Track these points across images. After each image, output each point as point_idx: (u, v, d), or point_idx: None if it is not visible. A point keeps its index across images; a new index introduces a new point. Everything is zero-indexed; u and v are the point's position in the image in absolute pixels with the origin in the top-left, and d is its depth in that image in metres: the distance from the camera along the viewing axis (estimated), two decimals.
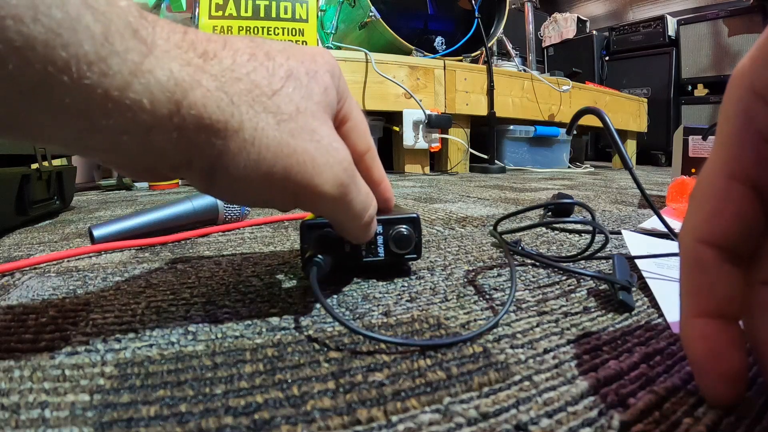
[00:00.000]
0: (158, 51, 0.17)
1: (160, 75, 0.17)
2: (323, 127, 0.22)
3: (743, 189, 0.15)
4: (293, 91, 0.21)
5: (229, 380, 0.18)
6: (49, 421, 0.15)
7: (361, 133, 0.26)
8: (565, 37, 3.37)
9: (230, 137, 0.19)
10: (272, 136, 0.20)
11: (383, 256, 0.31)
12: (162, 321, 0.24)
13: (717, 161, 0.16)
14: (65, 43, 0.15)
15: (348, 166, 0.22)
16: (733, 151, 0.15)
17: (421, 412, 0.16)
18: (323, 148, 0.21)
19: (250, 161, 0.20)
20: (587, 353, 0.20)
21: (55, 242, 0.46)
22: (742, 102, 0.15)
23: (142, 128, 0.18)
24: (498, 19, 1.82)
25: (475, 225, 0.53)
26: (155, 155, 0.19)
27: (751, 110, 0.15)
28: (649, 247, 0.38)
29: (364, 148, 0.27)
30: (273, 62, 0.21)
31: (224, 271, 0.33)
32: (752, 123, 0.15)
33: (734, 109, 0.15)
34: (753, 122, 0.15)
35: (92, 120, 0.17)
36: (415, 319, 0.24)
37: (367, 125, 0.27)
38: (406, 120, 1.44)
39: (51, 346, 0.21)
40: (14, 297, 0.28)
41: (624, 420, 0.15)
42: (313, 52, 0.23)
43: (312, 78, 0.22)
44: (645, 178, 1.46)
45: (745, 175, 0.15)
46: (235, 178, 0.20)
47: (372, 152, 0.28)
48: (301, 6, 1.30)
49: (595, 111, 0.38)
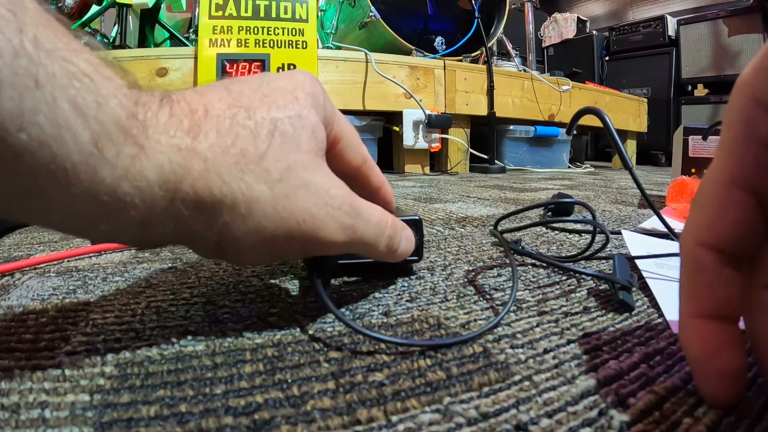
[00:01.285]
0: (149, 147, 0.17)
1: (152, 174, 0.17)
2: (317, 177, 0.21)
3: (744, 195, 0.15)
4: (280, 147, 0.20)
5: (229, 380, 0.18)
6: (49, 421, 0.15)
7: (355, 148, 0.26)
8: (565, 37, 3.37)
9: (227, 213, 0.19)
10: (267, 203, 0.20)
11: None
12: (162, 321, 0.24)
13: (719, 167, 0.16)
14: (53, 155, 0.15)
15: (349, 209, 0.22)
16: (734, 158, 0.15)
17: (421, 412, 0.16)
18: (321, 201, 0.21)
19: (250, 231, 0.20)
20: (587, 353, 0.20)
21: (55, 242, 0.46)
22: (744, 110, 0.15)
23: (138, 221, 0.18)
24: (498, 19, 1.82)
25: (475, 225, 0.53)
26: (158, 241, 0.20)
27: (752, 119, 0.15)
28: (649, 247, 0.38)
29: (360, 161, 0.27)
30: (254, 121, 0.20)
31: (224, 271, 0.33)
32: (754, 131, 0.15)
33: (736, 117, 0.15)
34: (754, 130, 0.15)
35: (88, 218, 0.17)
36: (415, 319, 0.24)
37: (358, 136, 0.27)
38: (406, 120, 1.44)
39: (51, 346, 0.21)
40: (14, 297, 0.28)
41: (624, 420, 0.15)
42: (294, 86, 0.22)
43: (298, 124, 0.21)
44: (645, 178, 1.46)
45: (746, 181, 0.15)
46: (241, 248, 0.20)
47: (368, 162, 0.27)
48: (301, 6, 1.30)
49: (595, 111, 0.38)
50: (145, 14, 1.48)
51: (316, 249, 0.22)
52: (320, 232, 0.21)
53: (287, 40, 1.26)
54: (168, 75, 1.22)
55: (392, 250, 0.25)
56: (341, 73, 1.37)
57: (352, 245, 0.23)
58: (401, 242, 0.26)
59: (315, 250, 0.22)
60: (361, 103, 1.39)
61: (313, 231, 0.21)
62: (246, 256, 0.21)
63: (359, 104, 1.39)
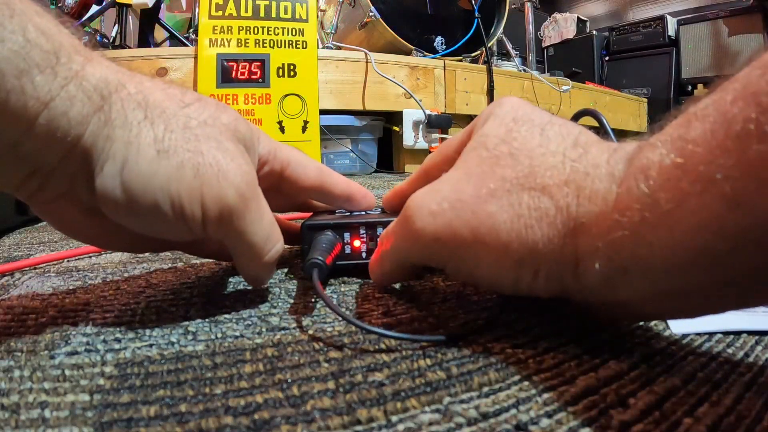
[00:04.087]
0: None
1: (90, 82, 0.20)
2: (229, 143, 0.22)
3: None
4: (202, 109, 0.22)
5: (229, 380, 0.18)
6: (49, 421, 0.15)
7: (306, 165, 0.28)
8: (565, 37, 3.36)
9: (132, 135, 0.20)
10: (180, 136, 0.21)
11: None
12: (162, 321, 0.24)
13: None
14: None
15: (252, 182, 0.23)
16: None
17: (421, 412, 0.16)
18: (229, 155, 0.22)
19: (161, 153, 0.20)
20: (587, 353, 0.20)
21: (55, 242, 0.46)
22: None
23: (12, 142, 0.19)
24: (498, 19, 1.82)
25: None
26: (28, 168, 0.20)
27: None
28: None
29: (315, 173, 0.28)
30: (182, 91, 0.23)
31: (224, 271, 0.33)
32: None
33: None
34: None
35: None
36: (415, 319, 0.24)
37: (307, 156, 0.28)
38: (406, 120, 1.44)
39: (51, 346, 0.21)
40: (14, 297, 0.28)
41: (624, 420, 0.15)
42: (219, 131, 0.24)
43: (222, 110, 0.23)
44: None
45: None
46: (143, 170, 0.20)
47: (325, 174, 0.29)
48: (301, 6, 1.30)
49: (592, 112, 0.39)
50: (145, 14, 1.48)
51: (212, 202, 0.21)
52: (222, 180, 0.21)
53: (287, 40, 1.26)
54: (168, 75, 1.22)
55: (268, 269, 0.25)
56: (341, 73, 1.37)
57: (240, 222, 0.22)
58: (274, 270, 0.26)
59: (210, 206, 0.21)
60: (361, 103, 1.39)
61: (217, 176, 0.21)
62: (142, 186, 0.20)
63: (359, 104, 1.38)
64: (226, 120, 0.23)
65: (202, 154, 0.21)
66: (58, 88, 0.19)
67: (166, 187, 0.20)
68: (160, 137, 0.20)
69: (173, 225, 0.21)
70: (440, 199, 0.20)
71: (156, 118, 0.21)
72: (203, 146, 0.21)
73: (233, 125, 0.23)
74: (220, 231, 0.22)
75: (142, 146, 0.20)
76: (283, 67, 1.24)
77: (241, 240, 0.23)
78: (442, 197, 0.20)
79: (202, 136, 0.21)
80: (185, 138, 0.21)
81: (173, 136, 0.21)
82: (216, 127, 0.22)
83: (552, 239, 0.18)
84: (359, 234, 0.30)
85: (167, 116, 0.21)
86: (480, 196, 0.19)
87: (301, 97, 1.23)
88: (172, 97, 0.22)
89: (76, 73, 0.19)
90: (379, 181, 1.14)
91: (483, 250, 0.19)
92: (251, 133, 0.25)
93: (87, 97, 0.19)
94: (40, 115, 0.18)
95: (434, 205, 0.20)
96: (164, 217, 0.21)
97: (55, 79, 0.18)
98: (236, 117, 0.24)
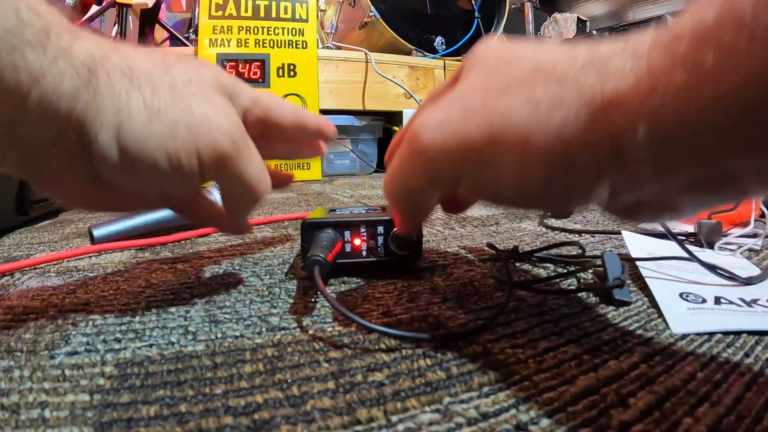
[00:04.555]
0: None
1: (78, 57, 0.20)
2: (215, 96, 0.24)
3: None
4: (185, 69, 0.23)
5: (229, 380, 0.18)
6: (49, 421, 0.15)
7: (283, 107, 0.29)
8: (565, 37, 3.36)
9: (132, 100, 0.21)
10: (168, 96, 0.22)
11: (384, 257, 0.31)
12: (162, 321, 0.24)
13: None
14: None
15: (240, 127, 0.24)
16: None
17: (421, 412, 0.16)
18: (217, 107, 0.23)
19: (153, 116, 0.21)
20: (587, 353, 0.20)
21: (55, 242, 0.46)
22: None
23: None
24: (498, 19, 1.83)
25: (474, 225, 0.53)
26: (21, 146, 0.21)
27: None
28: (649, 247, 0.38)
29: (292, 114, 0.29)
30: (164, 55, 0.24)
31: (224, 271, 0.33)
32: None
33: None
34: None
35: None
36: (415, 319, 0.24)
37: (282, 99, 0.30)
38: (406, 120, 1.43)
39: (51, 346, 0.21)
40: (14, 297, 0.28)
41: (624, 420, 0.15)
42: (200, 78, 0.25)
43: (204, 67, 0.25)
44: None
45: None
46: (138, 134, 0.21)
47: (299, 112, 0.30)
48: (301, 6, 1.30)
49: None
50: (145, 14, 1.48)
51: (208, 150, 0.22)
52: (214, 130, 0.22)
53: (287, 40, 1.26)
54: None
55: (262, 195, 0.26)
56: (341, 73, 1.37)
57: (234, 164, 0.23)
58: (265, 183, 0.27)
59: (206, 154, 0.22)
60: (361, 103, 1.39)
61: (209, 127, 0.22)
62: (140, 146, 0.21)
63: (359, 104, 1.39)
64: (208, 75, 0.24)
65: (192, 111, 0.22)
66: (49, 64, 0.19)
67: (162, 145, 0.21)
68: (149, 101, 0.21)
69: (173, 178, 0.22)
70: (446, 110, 0.20)
71: (142, 83, 0.21)
72: (191, 103, 0.22)
73: (216, 79, 0.24)
74: (217, 175, 0.24)
75: (133, 111, 0.21)
76: (283, 67, 1.24)
77: (237, 181, 0.24)
78: (447, 108, 0.20)
79: (189, 93, 0.22)
80: (173, 98, 0.22)
81: (162, 98, 0.22)
82: (201, 84, 0.23)
83: (578, 122, 0.16)
84: (360, 232, 0.30)
85: (153, 80, 0.22)
86: (489, 98, 0.18)
87: (301, 97, 1.23)
88: (155, 62, 0.23)
89: (65, 50, 0.20)
90: (379, 181, 1.14)
91: (502, 148, 0.18)
92: (233, 85, 0.26)
93: (76, 72, 0.20)
94: (32, 91, 0.19)
95: (439, 116, 0.20)
96: (164, 173, 0.22)
97: (45, 55, 0.19)
98: (218, 71, 0.25)
